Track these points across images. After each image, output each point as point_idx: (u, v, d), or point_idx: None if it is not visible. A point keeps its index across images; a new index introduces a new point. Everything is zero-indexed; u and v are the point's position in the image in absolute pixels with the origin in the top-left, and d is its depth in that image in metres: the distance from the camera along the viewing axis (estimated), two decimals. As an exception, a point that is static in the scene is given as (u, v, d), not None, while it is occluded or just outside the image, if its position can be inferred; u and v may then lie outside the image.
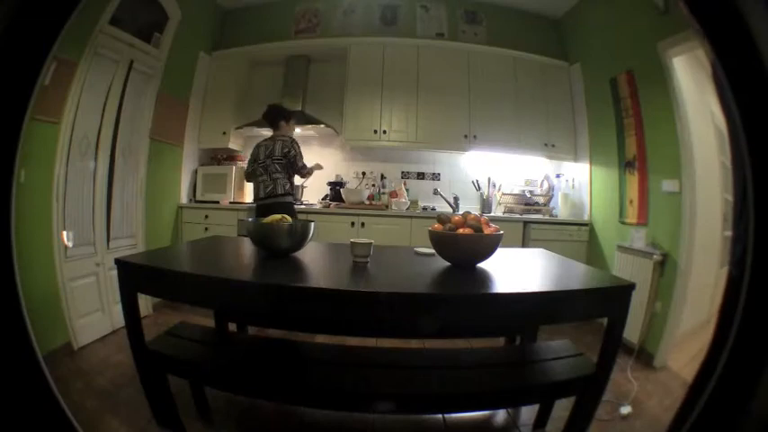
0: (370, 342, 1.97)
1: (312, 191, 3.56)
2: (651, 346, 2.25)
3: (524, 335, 1.85)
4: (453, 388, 1.38)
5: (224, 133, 3.50)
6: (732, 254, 0.63)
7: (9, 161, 0.68)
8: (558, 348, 1.60)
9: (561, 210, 3.38)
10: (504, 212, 3.39)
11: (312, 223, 1.59)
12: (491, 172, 3.58)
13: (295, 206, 2.86)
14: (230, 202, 3.38)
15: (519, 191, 3.55)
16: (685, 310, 2.17)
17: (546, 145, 3.41)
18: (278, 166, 2.71)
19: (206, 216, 3.27)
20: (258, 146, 2.80)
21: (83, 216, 2.35)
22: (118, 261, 1.36)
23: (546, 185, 3.54)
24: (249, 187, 3.51)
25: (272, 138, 2.79)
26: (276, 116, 2.82)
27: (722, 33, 0.60)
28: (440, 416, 1.67)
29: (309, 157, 3.70)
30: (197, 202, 3.46)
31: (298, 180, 2.94)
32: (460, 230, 1.43)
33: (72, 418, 0.73)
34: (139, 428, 1.53)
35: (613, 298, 1.30)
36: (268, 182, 2.70)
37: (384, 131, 3.37)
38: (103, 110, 2.46)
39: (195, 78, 3.42)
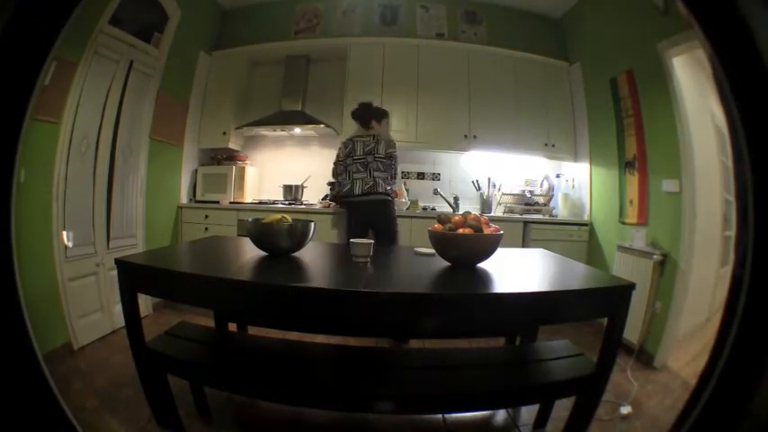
0: (371, 342, 1.97)
1: (312, 191, 3.55)
2: (651, 346, 2.25)
3: (524, 335, 1.85)
4: (453, 388, 1.38)
5: (224, 133, 3.50)
6: (736, 254, 0.62)
7: (9, 161, 0.68)
8: (558, 348, 1.60)
9: (561, 210, 3.38)
10: (504, 212, 3.39)
11: (312, 223, 1.59)
12: (491, 172, 3.57)
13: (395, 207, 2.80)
14: (230, 202, 3.38)
15: (519, 191, 3.54)
16: (685, 310, 2.17)
17: (546, 145, 3.40)
18: (380, 165, 2.66)
19: (206, 216, 3.27)
20: (353, 141, 2.74)
21: (83, 216, 2.35)
22: (118, 261, 1.36)
23: (546, 185, 3.54)
24: (249, 187, 3.53)
25: (369, 135, 2.72)
26: (370, 114, 2.77)
27: (722, 33, 0.60)
28: (440, 416, 1.67)
29: (309, 157, 3.73)
30: (197, 202, 3.45)
31: None
32: (460, 230, 1.43)
33: (72, 418, 0.73)
34: (139, 428, 1.52)
35: (613, 298, 1.30)
36: (367, 179, 2.65)
37: (384, 131, 3.36)
38: (103, 110, 2.46)
39: (195, 78, 3.41)
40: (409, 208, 3.39)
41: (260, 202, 3.49)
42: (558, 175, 3.50)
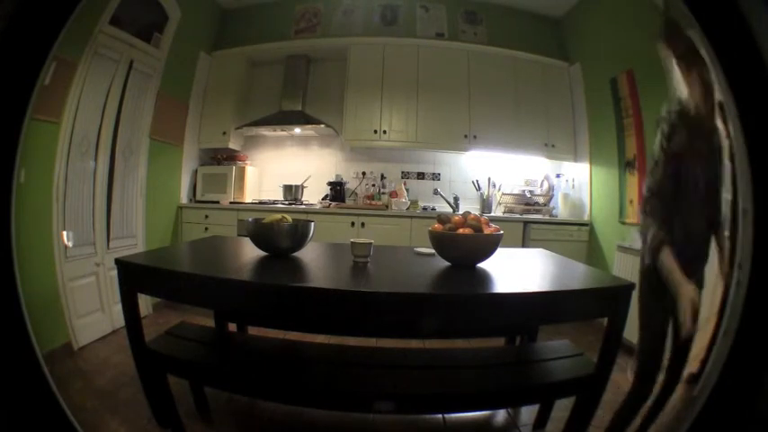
0: (370, 342, 1.97)
1: (312, 191, 3.56)
2: (651, 346, 2.25)
3: (524, 335, 1.85)
4: (453, 388, 1.38)
5: (224, 133, 3.50)
6: (736, 254, 0.63)
7: (9, 161, 0.68)
8: (558, 348, 1.60)
9: (561, 210, 3.38)
10: (504, 212, 3.39)
11: (312, 223, 1.59)
12: (491, 172, 3.57)
13: None
14: (230, 202, 3.38)
15: (519, 191, 3.55)
16: (685, 310, 2.17)
17: (546, 145, 3.40)
18: None
19: (206, 216, 3.27)
20: None
21: (83, 216, 2.35)
22: (118, 261, 1.36)
23: (546, 185, 3.54)
24: (249, 187, 3.53)
25: None
26: None
27: (722, 33, 0.60)
28: (440, 416, 1.67)
29: (309, 157, 3.73)
30: (197, 202, 3.45)
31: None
32: (460, 230, 1.43)
33: (72, 418, 0.73)
34: (139, 428, 1.52)
35: (613, 298, 1.31)
36: None
37: (384, 131, 3.37)
38: (103, 110, 2.46)
39: (195, 78, 3.41)
40: (409, 208, 3.39)
41: (260, 202, 3.49)
42: (558, 175, 3.50)
